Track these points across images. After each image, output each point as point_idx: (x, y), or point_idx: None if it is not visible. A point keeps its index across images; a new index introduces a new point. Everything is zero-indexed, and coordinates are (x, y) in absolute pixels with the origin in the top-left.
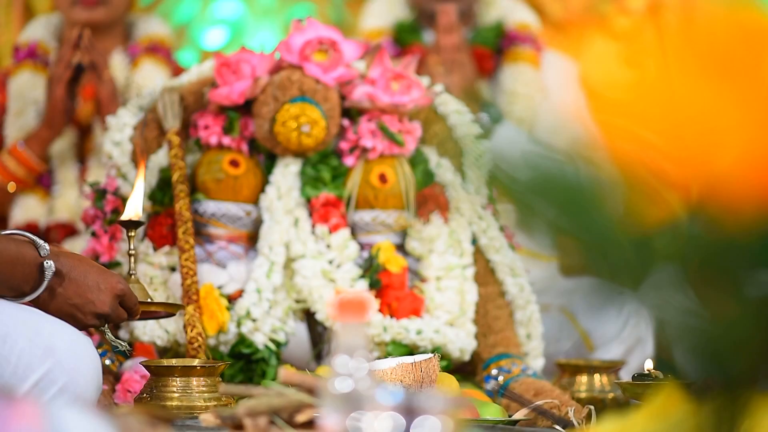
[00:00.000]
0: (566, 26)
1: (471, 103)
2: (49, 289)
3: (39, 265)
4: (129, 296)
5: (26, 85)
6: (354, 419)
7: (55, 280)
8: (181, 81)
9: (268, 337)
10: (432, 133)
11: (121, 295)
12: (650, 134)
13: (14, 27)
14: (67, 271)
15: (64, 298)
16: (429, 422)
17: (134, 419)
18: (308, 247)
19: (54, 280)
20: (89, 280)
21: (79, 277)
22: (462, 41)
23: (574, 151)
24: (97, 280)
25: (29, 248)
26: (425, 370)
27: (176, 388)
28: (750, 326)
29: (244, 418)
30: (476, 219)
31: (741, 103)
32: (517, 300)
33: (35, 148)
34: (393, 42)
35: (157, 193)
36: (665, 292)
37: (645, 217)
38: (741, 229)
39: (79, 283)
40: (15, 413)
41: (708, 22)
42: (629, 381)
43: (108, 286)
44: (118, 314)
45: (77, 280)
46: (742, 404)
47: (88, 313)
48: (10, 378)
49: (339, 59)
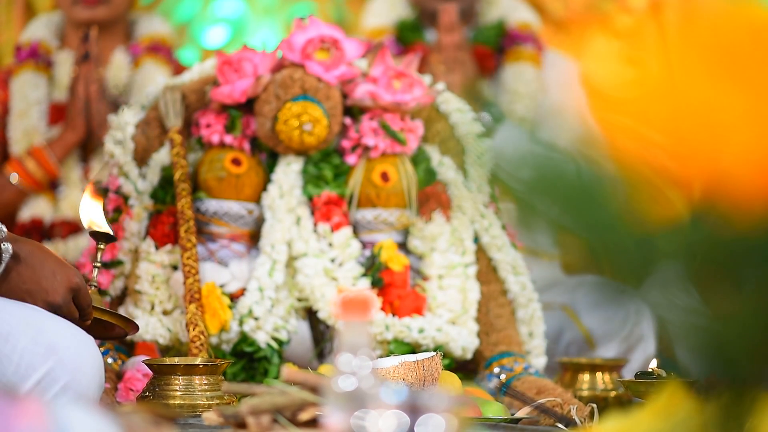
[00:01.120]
0: (567, 25)
1: (472, 102)
2: (4, 272)
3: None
4: (83, 294)
5: (28, 85)
6: (357, 418)
7: (11, 263)
8: (182, 79)
9: (270, 335)
10: (434, 132)
11: (76, 290)
12: (653, 132)
13: (15, 25)
14: (25, 256)
15: (17, 283)
16: (433, 420)
17: (137, 418)
18: (310, 245)
19: (10, 263)
20: (45, 268)
21: (36, 264)
22: (463, 40)
23: (576, 150)
24: (54, 269)
25: None
26: (428, 368)
27: (179, 386)
28: (754, 324)
29: (247, 416)
30: (478, 217)
31: (744, 101)
32: (519, 298)
33: (58, 152)
34: (395, 41)
35: (159, 191)
36: (668, 291)
37: (648, 215)
38: (745, 226)
39: (35, 270)
40: (18, 412)
41: (710, 19)
42: (632, 379)
43: (64, 277)
44: (69, 309)
45: (34, 266)
46: (746, 402)
47: (40, 301)
48: (13, 376)
49: (341, 58)
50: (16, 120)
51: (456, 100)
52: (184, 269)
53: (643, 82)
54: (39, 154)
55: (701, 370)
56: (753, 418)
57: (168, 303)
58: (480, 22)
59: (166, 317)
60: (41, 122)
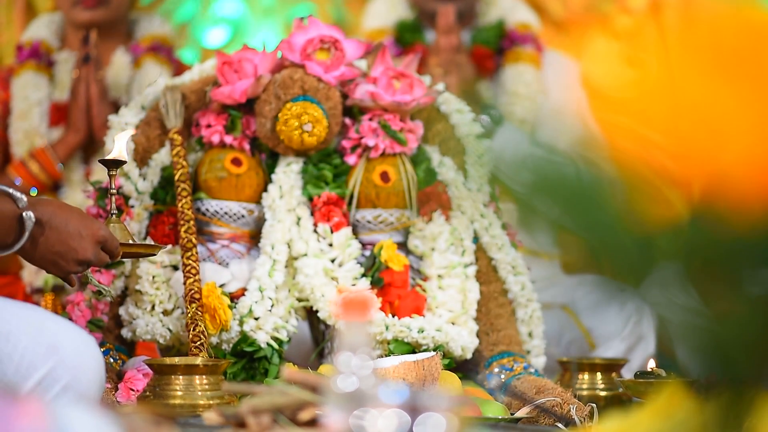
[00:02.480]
0: (567, 25)
1: (470, 104)
2: (31, 239)
3: (18, 216)
4: (110, 241)
5: (30, 85)
6: (357, 417)
7: (36, 229)
8: (183, 80)
9: (270, 335)
10: (434, 132)
11: (103, 241)
12: (652, 132)
13: (16, 25)
14: (48, 219)
15: (46, 247)
16: (432, 420)
17: (137, 417)
18: (310, 245)
19: (35, 230)
20: (70, 227)
21: (61, 225)
22: (460, 43)
23: (576, 151)
24: (78, 227)
25: (7, 202)
26: (427, 368)
27: (179, 386)
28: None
29: (247, 416)
30: (478, 217)
31: (743, 101)
32: (518, 298)
33: (61, 153)
34: (395, 42)
35: (159, 191)
36: (668, 290)
37: (647, 215)
38: (744, 227)
39: (61, 231)
40: (19, 411)
41: (709, 19)
42: (632, 379)
43: (89, 232)
44: (100, 258)
45: (58, 228)
46: (746, 402)
47: (71, 260)
48: (14, 376)
49: (341, 58)
50: (17, 120)
51: (456, 100)
52: (185, 269)
53: (643, 82)
54: (42, 155)
55: (701, 369)
56: (752, 418)
57: (168, 303)
58: (479, 22)
59: (166, 317)
60: (42, 122)
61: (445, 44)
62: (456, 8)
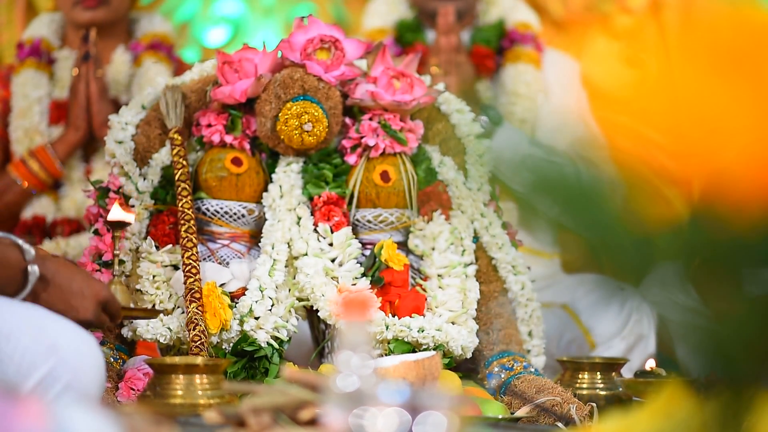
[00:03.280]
0: (568, 25)
1: (470, 104)
2: (32, 294)
3: (23, 269)
4: (112, 303)
5: (30, 84)
6: (357, 416)
7: (39, 284)
8: (183, 79)
9: (270, 334)
10: (434, 132)
11: (105, 302)
12: (652, 132)
13: (16, 25)
14: (52, 276)
15: (48, 304)
16: (432, 419)
17: (138, 417)
18: (310, 245)
19: (38, 285)
20: (73, 286)
21: (64, 283)
22: (460, 43)
23: (575, 151)
24: (81, 286)
25: (14, 252)
26: (427, 367)
27: (179, 385)
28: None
29: (248, 415)
30: (478, 216)
31: (743, 101)
32: (518, 297)
33: (61, 152)
34: (395, 41)
35: (159, 191)
36: (667, 290)
37: (647, 214)
38: (744, 226)
39: (63, 289)
40: (19, 411)
41: (709, 19)
42: (632, 378)
43: (92, 292)
44: (100, 320)
45: (61, 285)
46: (746, 401)
47: (72, 320)
48: (14, 376)
49: (341, 58)
50: (17, 118)
51: (456, 100)
52: (185, 269)
53: (643, 82)
54: (42, 154)
55: (701, 369)
56: (752, 417)
57: (169, 302)
58: (479, 22)
59: (166, 317)
60: (42, 120)
61: (445, 44)
62: (456, 8)
